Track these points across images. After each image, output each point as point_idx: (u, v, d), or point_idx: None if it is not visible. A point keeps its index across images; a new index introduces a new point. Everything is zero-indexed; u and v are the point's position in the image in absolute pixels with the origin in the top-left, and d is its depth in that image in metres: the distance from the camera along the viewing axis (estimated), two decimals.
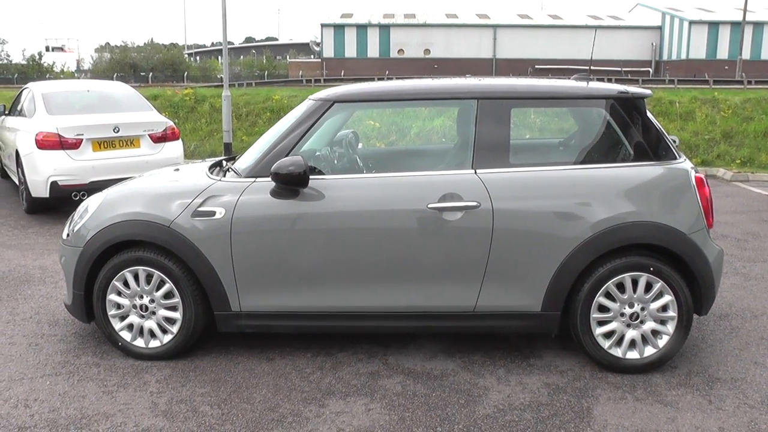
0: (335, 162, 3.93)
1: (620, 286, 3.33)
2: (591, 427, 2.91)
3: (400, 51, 41.78)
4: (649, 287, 3.32)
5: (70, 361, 3.59)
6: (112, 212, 3.51)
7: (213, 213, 3.39)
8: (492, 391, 3.24)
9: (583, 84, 3.57)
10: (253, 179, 3.43)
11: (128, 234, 3.45)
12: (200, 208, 3.41)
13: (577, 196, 3.30)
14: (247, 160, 3.67)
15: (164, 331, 3.57)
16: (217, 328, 3.56)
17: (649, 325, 3.36)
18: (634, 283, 3.32)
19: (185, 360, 3.58)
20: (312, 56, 62.54)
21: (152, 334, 3.58)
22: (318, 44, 45.39)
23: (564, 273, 3.30)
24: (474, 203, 3.27)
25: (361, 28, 41.49)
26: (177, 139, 7.25)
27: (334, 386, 3.29)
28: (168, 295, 3.51)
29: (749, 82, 23.76)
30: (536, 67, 41.01)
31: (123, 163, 6.71)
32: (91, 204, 3.68)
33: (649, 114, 3.45)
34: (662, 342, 3.37)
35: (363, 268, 3.37)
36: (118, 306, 3.57)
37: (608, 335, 3.38)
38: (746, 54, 36.53)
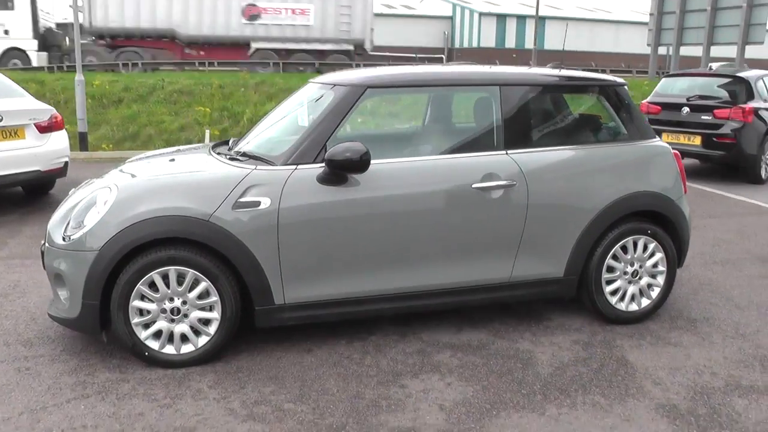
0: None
1: (624, 248, 3.81)
2: (638, 372, 3.34)
3: None
4: (645, 247, 3.85)
5: (86, 380, 3.18)
6: (137, 208, 3.15)
7: (257, 203, 3.23)
8: (537, 353, 3.53)
9: (580, 73, 3.98)
10: (294, 166, 3.32)
11: (161, 231, 3.14)
12: (242, 199, 3.21)
13: (594, 171, 3.71)
14: (273, 147, 3.52)
15: (197, 333, 3.32)
16: (256, 324, 3.39)
17: (645, 280, 3.90)
18: (634, 244, 3.82)
19: (221, 363, 3.35)
20: None
21: (182, 339, 3.30)
22: None
23: (584, 240, 3.69)
24: (511, 182, 3.52)
25: None
26: (62, 128, 6.41)
27: (396, 367, 3.35)
28: (202, 295, 3.27)
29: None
30: None
31: (7, 156, 5.79)
32: (99, 201, 3.25)
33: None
34: (654, 293, 3.93)
35: (412, 249, 3.45)
36: (142, 312, 3.24)
37: (614, 292, 3.85)
38: (530, 44, 40.86)
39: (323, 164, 3.31)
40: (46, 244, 3.37)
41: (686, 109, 8.60)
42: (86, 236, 3.17)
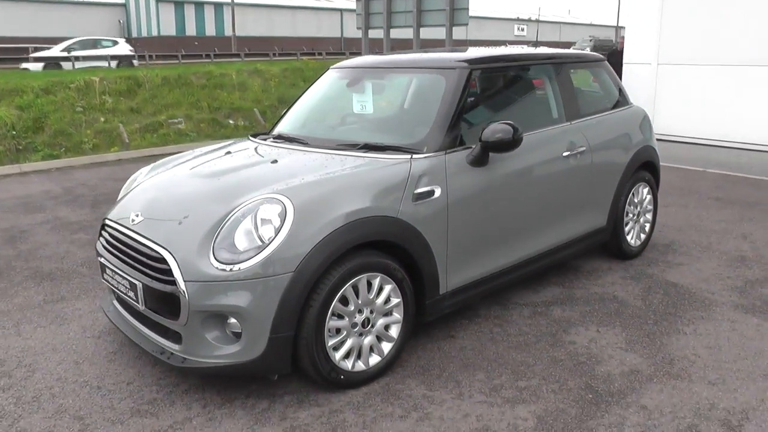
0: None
1: (633, 195, 4.58)
2: (691, 289, 4.12)
3: None
4: (642, 192, 4.68)
5: (292, 425, 2.73)
6: (325, 216, 2.77)
7: (432, 193, 3.13)
8: (614, 293, 4.07)
9: (587, 52, 4.61)
10: (443, 152, 3.26)
11: (359, 236, 2.84)
12: (418, 191, 3.08)
13: (620, 132, 4.42)
14: (400, 136, 3.46)
15: (379, 340, 3.08)
16: (424, 320, 3.28)
17: (643, 218, 4.74)
18: (638, 191, 4.62)
19: (398, 368, 3.17)
20: None
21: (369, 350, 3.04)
22: None
23: (618, 191, 4.36)
24: (583, 147, 3.98)
25: None
26: None
27: (541, 330, 3.56)
28: (386, 300, 3.05)
29: (246, 55, 26.78)
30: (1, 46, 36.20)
31: None
32: (271, 217, 2.73)
33: None
34: (647, 228, 4.81)
35: (536, 217, 3.75)
36: (329, 332, 2.88)
37: (628, 232, 4.61)
38: (211, 31, 40.20)
39: (462, 147, 3.34)
40: (186, 281, 2.70)
41: None
42: (270, 259, 2.68)
